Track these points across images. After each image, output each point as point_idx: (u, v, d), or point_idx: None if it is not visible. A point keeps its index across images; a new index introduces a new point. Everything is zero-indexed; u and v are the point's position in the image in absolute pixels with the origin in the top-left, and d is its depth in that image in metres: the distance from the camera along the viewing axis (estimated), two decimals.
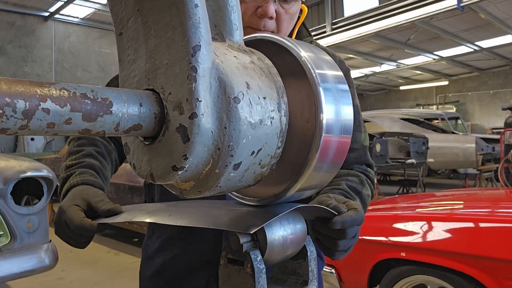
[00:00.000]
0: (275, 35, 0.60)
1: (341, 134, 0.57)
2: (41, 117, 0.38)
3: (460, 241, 2.42)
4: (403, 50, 14.93)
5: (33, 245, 3.04)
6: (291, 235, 0.61)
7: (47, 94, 0.39)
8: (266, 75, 0.54)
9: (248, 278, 0.56)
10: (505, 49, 15.66)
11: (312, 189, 0.62)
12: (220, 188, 0.51)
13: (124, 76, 0.54)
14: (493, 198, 3.59)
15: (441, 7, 10.09)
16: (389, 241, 2.67)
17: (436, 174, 13.17)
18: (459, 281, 2.36)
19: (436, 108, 20.50)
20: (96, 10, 13.66)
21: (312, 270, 0.65)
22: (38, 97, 0.38)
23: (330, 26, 12.55)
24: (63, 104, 0.40)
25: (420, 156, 9.12)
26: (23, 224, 3.01)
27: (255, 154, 0.51)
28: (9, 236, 2.99)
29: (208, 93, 0.47)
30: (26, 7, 13.38)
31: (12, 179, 2.99)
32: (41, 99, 0.38)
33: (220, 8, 0.55)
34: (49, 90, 0.39)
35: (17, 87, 0.37)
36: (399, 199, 3.84)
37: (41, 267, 3.04)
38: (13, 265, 2.88)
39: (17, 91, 0.37)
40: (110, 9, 0.54)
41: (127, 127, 0.45)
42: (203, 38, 0.47)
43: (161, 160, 0.49)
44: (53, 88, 0.40)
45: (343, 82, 0.59)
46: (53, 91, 0.39)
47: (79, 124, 0.41)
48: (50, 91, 0.39)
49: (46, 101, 0.39)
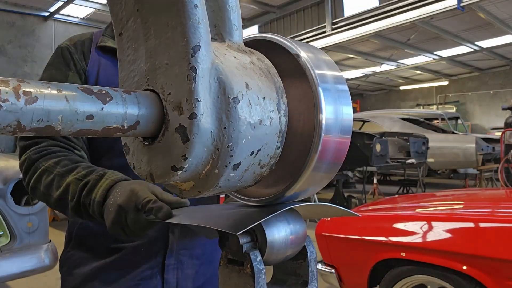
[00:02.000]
0: (275, 35, 0.60)
1: (340, 134, 0.57)
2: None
3: (460, 241, 2.42)
4: (403, 50, 14.93)
5: (33, 245, 3.05)
6: (291, 235, 0.61)
7: (45, 93, 0.39)
8: (266, 76, 0.54)
9: (248, 279, 0.56)
10: (505, 49, 15.66)
11: (312, 189, 0.62)
12: (220, 188, 0.51)
13: (123, 76, 0.54)
14: (493, 198, 3.59)
15: (441, 7, 10.09)
16: (389, 241, 2.67)
17: (436, 174, 13.18)
18: (459, 281, 2.36)
19: (436, 108, 20.50)
20: (96, 10, 13.66)
21: (312, 270, 0.65)
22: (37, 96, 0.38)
23: (330, 26, 12.55)
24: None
25: (420, 156, 9.12)
26: (23, 224, 3.02)
27: (255, 154, 0.51)
28: (9, 236, 2.99)
29: (208, 93, 0.47)
30: (26, 7, 13.38)
31: (12, 179, 2.99)
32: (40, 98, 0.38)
33: (219, 8, 0.55)
34: (48, 89, 0.39)
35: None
36: (399, 199, 3.85)
37: (41, 267, 3.04)
38: (13, 265, 2.88)
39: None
40: (110, 9, 0.54)
41: (127, 127, 0.45)
42: (203, 38, 0.47)
43: (161, 160, 0.49)
44: (51, 88, 0.40)
45: (342, 82, 0.59)
46: (52, 91, 0.39)
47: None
48: (49, 90, 0.39)
49: (44, 99, 0.39)
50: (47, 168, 0.96)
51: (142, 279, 1.10)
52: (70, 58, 1.13)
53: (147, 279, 1.10)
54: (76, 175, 0.91)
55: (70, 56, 1.13)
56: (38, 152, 1.00)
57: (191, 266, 1.15)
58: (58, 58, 1.13)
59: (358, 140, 7.26)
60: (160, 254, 1.11)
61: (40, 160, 0.99)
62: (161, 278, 1.11)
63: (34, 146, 1.02)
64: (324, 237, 2.96)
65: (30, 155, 1.00)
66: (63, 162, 0.97)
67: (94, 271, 1.11)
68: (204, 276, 1.17)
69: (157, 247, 1.11)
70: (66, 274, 1.17)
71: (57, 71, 1.11)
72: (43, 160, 0.98)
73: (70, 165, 0.95)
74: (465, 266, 2.30)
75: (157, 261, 1.11)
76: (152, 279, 1.11)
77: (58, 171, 0.94)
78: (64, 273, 1.18)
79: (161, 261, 1.11)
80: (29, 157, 1.00)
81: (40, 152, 1.00)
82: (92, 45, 1.16)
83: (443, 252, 2.41)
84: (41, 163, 0.98)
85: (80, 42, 1.16)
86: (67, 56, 1.13)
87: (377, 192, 8.72)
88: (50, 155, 0.99)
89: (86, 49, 1.15)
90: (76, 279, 1.13)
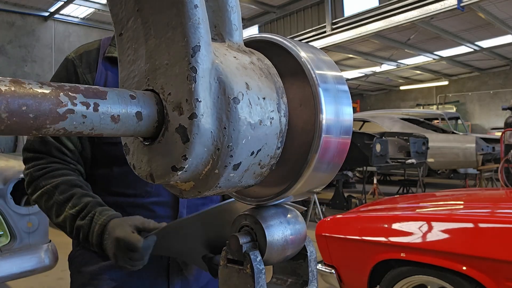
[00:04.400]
0: (275, 35, 0.60)
1: (340, 135, 0.57)
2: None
3: (460, 242, 2.42)
4: (403, 50, 14.93)
5: (33, 245, 3.05)
6: (291, 235, 0.61)
7: (46, 94, 0.39)
8: (266, 76, 0.54)
9: (248, 279, 0.56)
10: (505, 49, 15.66)
11: (311, 190, 0.62)
12: (220, 188, 0.51)
13: (124, 76, 0.54)
14: (493, 198, 3.59)
15: (441, 7, 10.08)
16: (389, 241, 2.67)
17: (436, 174, 13.18)
18: (459, 282, 2.36)
19: (436, 108, 20.49)
20: (96, 10, 13.66)
21: (312, 270, 0.65)
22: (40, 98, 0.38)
23: (330, 26, 12.55)
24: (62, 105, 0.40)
25: (420, 156, 9.11)
26: (23, 224, 3.01)
27: (255, 154, 0.51)
28: (9, 236, 2.99)
29: (208, 93, 0.47)
30: (26, 7, 13.37)
31: (12, 179, 2.99)
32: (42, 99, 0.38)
33: (219, 8, 0.55)
34: (48, 90, 0.39)
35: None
36: (399, 199, 3.84)
37: (41, 267, 3.04)
38: (13, 265, 2.88)
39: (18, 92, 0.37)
40: (110, 10, 0.54)
41: (127, 127, 0.45)
42: (203, 38, 0.47)
43: (161, 161, 0.49)
44: (51, 88, 0.40)
45: (342, 82, 0.59)
46: (52, 91, 0.39)
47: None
48: (49, 91, 0.39)
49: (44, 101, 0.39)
50: (46, 191, 1.08)
51: (148, 278, 1.13)
52: (74, 72, 1.15)
53: (152, 279, 1.14)
54: (72, 210, 1.05)
55: (74, 70, 1.15)
56: (38, 170, 1.10)
57: (194, 266, 1.18)
58: (63, 71, 1.16)
59: (358, 140, 7.25)
60: (165, 256, 1.14)
61: (41, 179, 1.09)
62: (166, 280, 1.15)
63: (35, 161, 1.12)
64: (324, 237, 2.96)
65: (31, 172, 1.11)
66: (61, 188, 1.07)
67: (102, 270, 1.14)
68: (207, 276, 1.20)
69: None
70: (75, 271, 1.21)
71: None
72: (43, 179, 1.09)
73: (66, 193, 1.07)
74: (465, 267, 2.30)
75: (162, 262, 1.14)
76: (157, 280, 1.14)
77: (56, 199, 1.06)
78: (73, 270, 1.22)
79: (166, 262, 1.14)
80: (30, 173, 1.11)
81: (40, 170, 1.10)
82: (100, 55, 1.17)
83: (443, 253, 2.41)
84: (41, 182, 1.09)
85: (87, 53, 1.17)
86: (71, 70, 1.15)
87: (377, 192, 8.72)
88: (50, 174, 1.09)
89: (93, 61, 1.16)
90: (85, 276, 1.17)
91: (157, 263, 1.13)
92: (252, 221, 0.60)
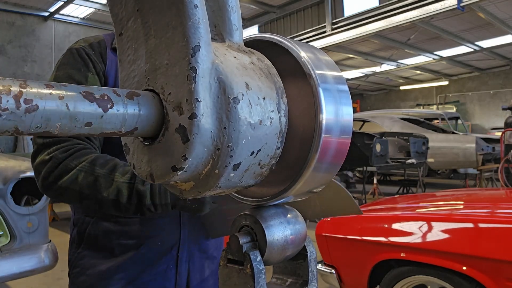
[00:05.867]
0: (275, 35, 0.60)
1: (340, 135, 0.57)
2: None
3: (460, 242, 2.42)
4: (403, 50, 14.93)
5: (33, 245, 3.05)
6: (291, 235, 0.61)
7: (46, 101, 0.39)
8: (266, 76, 0.54)
9: (248, 279, 0.56)
10: (505, 49, 15.67)
11: (311, 190, 0.62)
12: (220, 188, 0.51)
13: (124, 76, 0.54)
14: (493, 198, 3.59)
15: (441, 7, 10.09)
16: (389, 241, 2.67)
17: (436, 174, 13.18)
18: (459, 282, 2.36)
19: (436, 108, 20.50)
20: (96, 10, 13.67)
21: (312, 270, 0.65)
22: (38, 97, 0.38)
23: (330, 26, 12.55)
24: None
25: (420, 156, 9.12)
26: (23, 224, 3.02)
27: (255, 154, 0.51)
28: (9, 236, 2.99)
29: (208, 93, 0.47)
30: (26, 7, 13.38)
31: (12, 179, 2.99)
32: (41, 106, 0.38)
33: (219, 8, 0.55)
34: (49, 96, 0.39)
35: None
36: (399, 199, 3.85)
37: (41, 267, 3.04)
38: (13, 265, 2.88)
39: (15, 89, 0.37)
40: (109, 9, 0.54)
41: (127, 128, 0.45)
42: (203, 38, 0.47)
43: (161, 161, 0.49)
44: (53, 94, 0.40)
45: (342, 82, 0.59)
46: (53, 98, 0.39)
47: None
48: (50, 97, 0.39)
49: (44, 108, 0.39)
50: (82, 169, 0.97)
51: (158, 273, 1.15)
52: (89, 59, 1.12)
53: (162, 273, 1.16)
54: (123, 177, 0.97)
55: (88, 58, 1.12)
56: (64, 151, 1.00)
57: (199, 259, 1.22)
58: (75, 58, 1.12)
59: (358, 140, 7.26)
60: (174, 247, 1.17)
61: (69, 158, 0.99)
62: (175, 271, 1.17)
63: (57, 145, 1.01)
64: (324, 237, 2.96)
65: (56, 154, 1.00)
66: (99, 161, 0.99)
67: (112, 270, 1.13)
68: (209, 268, 1.26)
69: (172, 241, 1.17)
70: (79, 275, 1.17)
71: (76, 71, 1.10)
72: (72, 158, 0.99)
73: (108, 165, 0.98)
74: (465, 267, 2.30)
75: (171, 254, 1.17)
76: (167, 272, 1.16)
77: (99, 173, 0.97)
78: (76, 274, 1.18)
79: (175, 254, 1.17)
80: (55, 156, 1.00)
81: (66, 152, 1.00)
82: (107, 46, 1.17)
83: (443, 253, 2.41)
84: (71, 162, 0.99)
85: (96, 43, 1.16)
86: (85, 57, 1.12)
87: (377, 192, 8.72)
88: (78, 153, 1.00)
89: (103, 50, 1.16)
90: (92, 278, 1.15)
91: (167, 257, 1.16)
92: (252, 221, 0.60)
